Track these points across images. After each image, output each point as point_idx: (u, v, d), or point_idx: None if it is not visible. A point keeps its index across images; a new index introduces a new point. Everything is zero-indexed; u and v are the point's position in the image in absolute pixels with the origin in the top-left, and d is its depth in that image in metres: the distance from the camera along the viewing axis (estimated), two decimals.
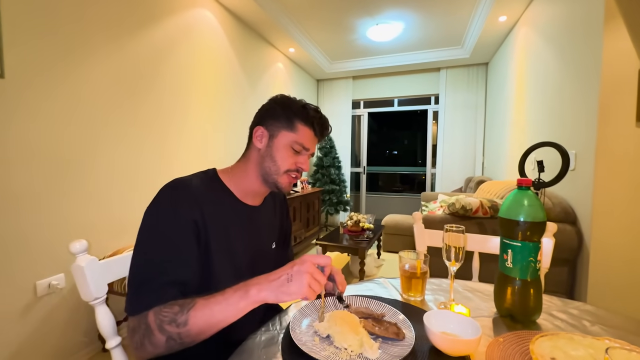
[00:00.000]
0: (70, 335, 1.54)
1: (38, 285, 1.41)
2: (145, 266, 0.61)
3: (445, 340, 0.55)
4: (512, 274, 0.68)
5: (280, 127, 0.75)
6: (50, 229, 1.45)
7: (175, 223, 0.63)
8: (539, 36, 2.37)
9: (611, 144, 1.49)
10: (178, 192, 0.66)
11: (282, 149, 0.75)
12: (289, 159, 0.75)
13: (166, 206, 0.65)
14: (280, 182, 0.76)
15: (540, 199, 0.66)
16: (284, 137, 0.75)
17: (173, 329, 0.53)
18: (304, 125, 0.75)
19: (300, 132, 0.75)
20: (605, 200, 1.51)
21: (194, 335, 0.54)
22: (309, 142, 0.76)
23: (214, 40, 2.57)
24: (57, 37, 1.45)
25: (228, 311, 0.54)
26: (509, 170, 2.97)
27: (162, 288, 0.58)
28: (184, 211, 0.64)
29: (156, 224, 0.63)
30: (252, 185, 0.78)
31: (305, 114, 0.75)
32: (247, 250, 0.76)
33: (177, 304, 0.55)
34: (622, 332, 0.64)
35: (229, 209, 0.74)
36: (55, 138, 1.46)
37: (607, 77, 1.49)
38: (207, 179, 0.74)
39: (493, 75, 3.83)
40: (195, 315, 0.53)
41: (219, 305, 0.54)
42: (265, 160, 0.75)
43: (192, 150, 2.35)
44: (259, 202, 0.82)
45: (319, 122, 0.77)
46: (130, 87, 1.83)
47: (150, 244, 0.62)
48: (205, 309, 0.54)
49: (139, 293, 0.59)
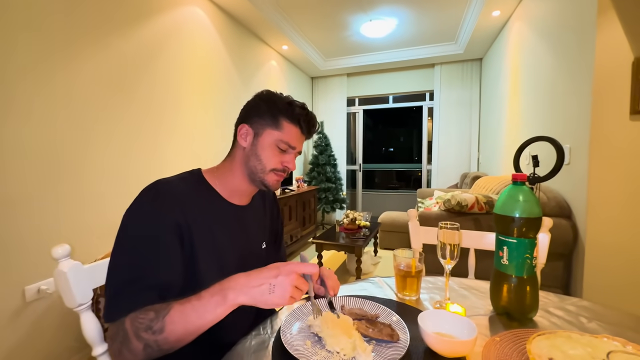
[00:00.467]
0: (61, 341, 1.51)
1: (27, 290, 1.37)
2: (122, 270, 0.58)
3: (440, 341, 0.53)
4: (508, 271, 0.67)
5: (265, 125, 0.73)
6: (38, 232, 1.41)
7: (155, 225, 0.61)
8: (532, 31, 2.36)
9: (605, 137, 1.49)
10: (159, 194, 0.64)
11: (267, 148, 0.72)
12: (274, 157, 0.73)
13: (146, 207, 0.62)
14: (267, 181, 0.74)
15: (535, 194, 0.64)
16: (269, 136, 0.72)
17: (149, 336, 0.51)
18: (289, 123, 0.73)
19: (286, 131, 0.72)
20: (600, 193, 1.51)
21: (172, 342, 0.51)
22: (295, 141, 0.74)
23: (206, 37, 2.53)
24: (45, 35, 1.42)
25: (205, 317, 0.51)
26: (505, 166, 2.97)
27: (140, 293, 0.56)
28: (165, 212, 0.62)
29: (134, 226, 0.61)
30: (239, 184, 0.75)
31: (291, 111, 0.72)
32: (234, 250, 0.73)
33: (153, 309, 0.53)
34: (619, 329, 0.63)
35: (214, 209, 0.71)
36: (45, 139, 1.43)
37: (600, 70, 1.48)
38: (191, 179, 0.72)
39: (487, 71, 3.83)
40: (171, 322, 0.51)
41: (195, 311, 0.51)
42: (250, 159, 0.73)
43: (185, 149, 2.31)
44: (247, 202, 0.80)
45: (306, 120, 0.74)
46: (120, 86, 1.79)
47: (128, 247, 0.60)
48: (181, 315, 0.51)
49: (116, 298, 0.56)
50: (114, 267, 0.59)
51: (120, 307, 0.55)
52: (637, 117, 1.43)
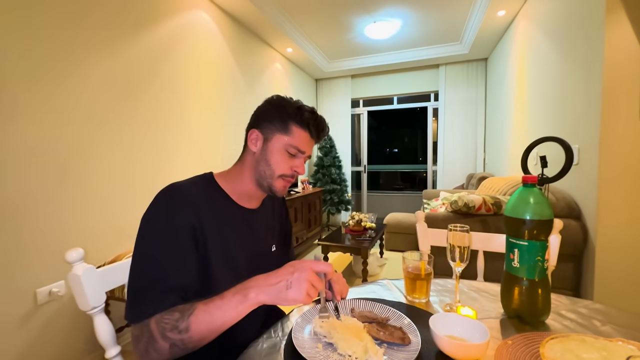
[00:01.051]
0: (72, 343, 1.53)
1: (38, 293, 1.39)
2: (144, 273, 0.60)
3: (453, 345, 0.53)
4: (519, 274, 0.66)
5: (274, 130, 0.73)
6: (49, 235, 1.44)
7: (173, 228, 0.62)
8: (538, 30, 2.34)
9: (615, 137, 1.47)
10: (174, 197, 0.65)
11: (277, 153, 0.73)
12: (284, 162, 0.73)
13: (163, 212, 0.63)
14: (274, 186, 0.74)
15: (546, 196, 0.64)
16: (279, 141, 0.73)
17: (175, 335, 0.53)
18: (299, 127, 0.73)
19: (295, 135, 0.73)
20: (610, 194, 1.49)
21: (196, 341, 0.54)
22: (304, 145, 0.74)
23: (211, 41, 2.56)
24: (54, 41, 1.44)
25: (228, 315, 0.53)
26: (511, 166, 2.94)
27: (162, 295, 0.58)
28: (181, 216, 0.63)
29: (153, 230, 0.63)
30: (248, 188, 0.76)
31: (300, 116, 0.73)
32: (245, 253, 0.74)
33: (177, 310, 0.55)
34: (634, 332, 0.62)
35: (226, 213, 0.72)
36: (53, 143, 1.45)
37: (610, 68, 1.46)
38: (203, 183, 0.73)
39: (493, 71, 3.80)
40: (196, 321, 0.53)
41: (219, 309, 0.53)
42: (260, 164, 0.74)
43: (191, 153, 2.33)
44: (257, 205, 0.81)
45: (315, 124, 0.74)
46: (127, 90, 1.81)
47: (148, 251, 0.61)
48: (205, 314, 0.53)
49: (139, 301, 0.58)
50: (135, 270, 0.61)
51: (143, 309, 0.56)
52: None
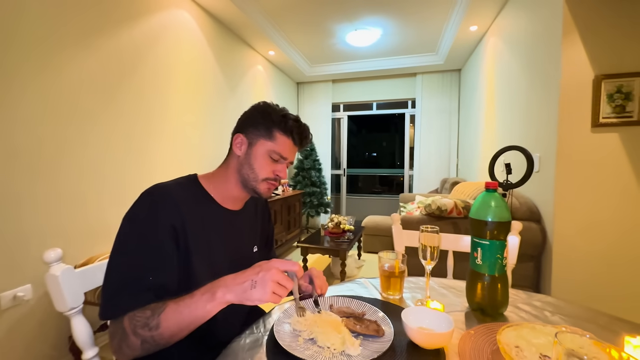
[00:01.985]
0: (38, 349, 1.45)
1: (2, 297, 1.32)
2: (121, 271, 0.61)
3: (421, 334, 0.58)
4: (482, 270, 0.73)
5: (259, 135, 0.76)
6: (13, 236, 1.37)
7: (154, 227, 0.63)
8: (505, 45, 2.52)
9: (569, 147, 1.62)
10: (157, 197, 0.66)
11: (260, 158, 0.76)
12: (266, 167, 0.76)
13: (145, 211, 0.64)
14: (258, 189, 0.77)
15: (505, 200, 0.71)
16: (262, 146, 0.76)
17: (146, 332, 0.54)
18: (282, 134, 0.76)
19: (279, 142, 0.76)
20: (565, 199, 1.64)
21: (167, 338, 0.55)
22: (287, 152, 0.77)
23: (192, 41, 2.53)
24: (27, 38, 1.38)
25: (196, 313, 0.55)
26: (481, 172, 3.13)
27: (137, 294, 0.59)
28: (163, 216, 0.64)
29: (134, 228, 0.63)
30: (232, 190, 0.79)
31: (284, 123, 0.75)
32: (226, 253, 0.76)
33: (149, 308, 0.56)
34: (578, 321, 0.70)
35: (208, 214, 0.74)
36: (23, 139, 1.39)
37: (566, 85, 1.61)
38: (187, 184, 0.75)
39: (465, 81, 4.02)
40: (166, 319, 0.55)
41: (188, 308, 0.55)
42: (243, 168, 0.76)
43: (171, 152, 2.29)
44: (240, 207, 0.83)
45: (298, 132, 0.77)
46: (105, 88, 1.76)
47: (127, 249, 0.62)
48: (175, 312, 0.55)
49: (113, 298, 0.59)
50: (112, 267, 0.61)
51: (117, 307, 0.58)
52: (597, 130, 1.57)
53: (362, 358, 0.55)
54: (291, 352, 0.55)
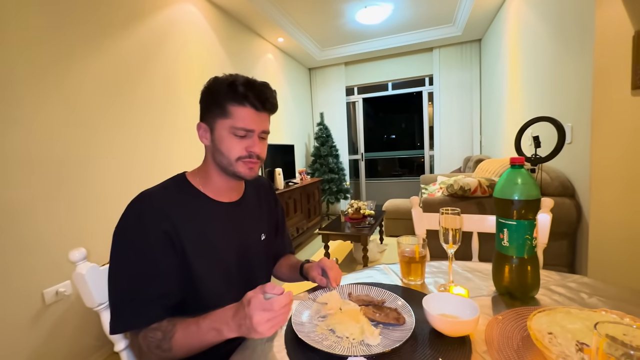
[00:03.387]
0: (82, 340, 1.57)
1: (45, 293, 1.43)
2: (121, 287, 0.62)
3: (444, 322, 0.55)
4: (509, 253, 0.69)
5: (214, 116, 0.69)
6: (51, 237, 1.46)
7: (144, 238, 0.62)
8: (530, 8, 2.32)
9: (607, 114, 1.48)
10: (141, 207, 0.65)
11: (225, 139, 0.69)
12: (235, 146, 0.69)
13: (132, 223, 0.63)
14: (238, 171, 0.71)
15: (534, 176, 0.66)
16: (222, 126, 0.69)
17: (160, 352, 0.58)
18: (237, 106, 0.67)
19: (236, 115, 0.68)
20: (603, 171, 1.51)
21: (181, 357, 0.59)
22: (250, 123, 0.68)
23: (201, 35, 2.52)
24: (45, 45, 1.44)
25: (204, 344, 0.57)
26: (507, 148, 2.96)
27: (141, 307, 0.60)
28: (151, 223, 0.63)
29: (125, 242, 0.63)
30: (218, 182, 0.75)
31: (233, 92, 0.67)
32: (231, 247, 0.74)
33: (160, 329, 0.58)
34: (619, 303, 0.65)
35: (202, 211, 0.71)
36: (51, 146, 1.46)
37: (601, 45, 1.46)
38: (174, 185, 0.72)
39: (487, 52, 3.77)
40: (177, 345, 0.57)
41: (197, 338, 0.56)
42: (216, 156, 0.71)
43: (186, 149, 2.33)
44: (237, 197, 0.80)
45: (255, 95, 0.67)
46: (118, 91, 1.80)
47: (123, 264, 0.62)
48: (185, 339, 0.57)
49: (118, 313, 0.61)
50: (112, 284, 0.62)
51: (123, 322, 0.60)
52: (638, 92, 1.42)
53: (382, 347, 0.53)
54: (309, 342, 0.54)
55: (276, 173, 3.15)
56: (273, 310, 0.49)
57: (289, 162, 3.69)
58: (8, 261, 1.31)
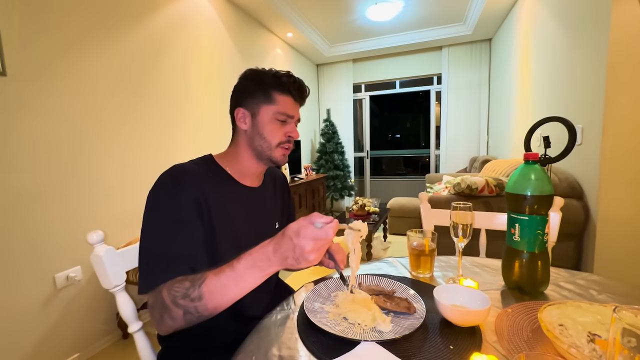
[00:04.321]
0: (91, 324, 1.60)
1: (57, 278, 1.46)
2: (152, 245, 0.62)
3: (456, 311, 0.56)
4: (520, 247, 0.69)
5: (259, 102, 0.74)
6: (63, 223, 1.48)
7: (177, 201, 0.64)
8: (544, 8, 2.29)
9: (619, 116, 1.47)
10: (177, 174, 0.67)
11: (268, 124, 0.74)
12: (277, 131, 0.75)
13: (167, 187, 0.65)
14: (274, 157, 0.76)
15: (547, 173, 0.66)
16: (266, 112, 0.74)
17: (188, 303, 0.54)
18: (281, 94, 0.74)
19: (280, 102, 0.74)
20: (613, 172, 1.50)
21: (211, 309, 0.54)
22: (291, 110, 0.76)
23: (211, 28, 2.53)
24: (55, 33, 1.45)
25: (243, 285, 0.54)
26: (515, 149, 2.94)
27: (171, 263, 0.60)
28: (185, 190, 0.65)
29: (159, 204, 0.64)
30: (248, 166, 0.78)
31: (279, 82, 0.74)
32: (249, 231, 0.76)
33: (187, 279, 0.56)
34: (629, 299, 0.65)
35: (229, 191, 0.74)
36: (62, 133, 1.48)
37: (615, 46, 1.44)
38: (205, 164, 0.75)
39: (497, 51, 3.74)
40: (208, 291, 0.53)
41: (232, 281, 0.53)
42: (255, 140, 0.75)
43: (193, 140, 2.35)
44: (258, 183, 0.83)
45: (295, 87, 0.76)
46: (128, 80, 1.82)
47: (154, 224, 0.63)
48: (219, 285, 0.53)
49: (149, 270, 0.60)
50: (143, 243, 0.63)
51: (153, 277, 0.59)
52: None
53: (394, 334, 0.54)
54: (323, 327, 0.55)
55: (282, 168, 3.16)
56: (324, 238, 0.50)
57: (294, 157, 3.70)
58: (20, 246, 1.33)
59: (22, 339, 1.34)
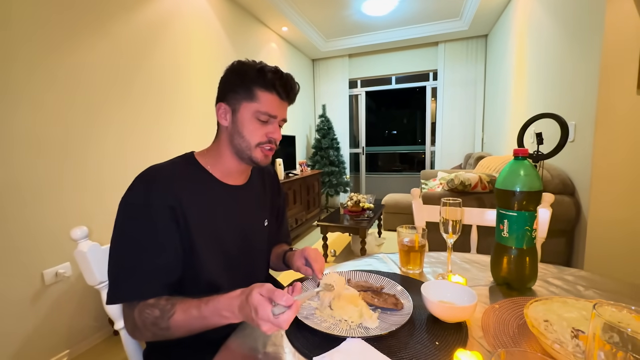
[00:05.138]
0: (81, 321, 1.59)
1: (45, 274, 1.43)
2: (122, 257, 0.61)
3: (442, 307, 0.56)
4: (508, 243, 0.69)
5: (240, 99, 0.69)
6: (52, 218, 1.46)
7: (150, 210, 0.62)
8: (539, 4, 2.28)
9: (611, 113, 1.47)
10: (150, 180, 0.64)
11: (248, 123, 0.70)
12: (257, 131, 0.70)
13: (140, 194, 0.63)
14: (254, 157, 0.72)
15: (536, 169, 0.66)
16: (246, 109, 0.69)
17: (157, 330, 0.57)
18: (264, 91, 0.69)
19: (263, 100, 0.69)
20: (605, 170, 1.51)
21: (178, 336, 0.58)
22: (274, 109, 0.70)
23: (203, 21, 2.49)
24: (49, 27, 1.42)
25: (206, 325, 0.56)
26: (509, 145, 2.95)
27: (141, 281, 0.59)
28: (158, 197, 0.63)
29: (131, 212, 0.62)
30: (229, 164, 0.75)
31: (263, 78, 0.68)
32: (235, 230, 0.74)
33: (158, 306, 0.57)
34: (615, 295, 0.65)
35: (208, 192, 0.71)
36: (52, 129, 1.45)
37: (609, 44, 1.44)
38: (183, 164, 0.72)
39: (493, 48, 3.73)
40: (175, 325, 0.56)
41: (198, 321, 0.55)
42: (234, 138, 0.71)
43: (184, 135, 2.32)
44: (243, 181, 0.80)
45: (281, 84, 0.69)
46: (118, 75, 1.78)
47: (126, 234, 0.62)
48: (185, 321, 0.56)
49: (117, 284, 0.60)
50: (114, 253, 0.62)
51: (121, 293, 0.60)
52: None
53: (380, 330, 0.54)
54: (309, 324, 0.55)
55: (277, 163, 3.14)
56: (277, 327, 0.47)
57: (289, 153, 3.68)
58: (9, 241, 1.31)
59: (10, 335, 1.32)
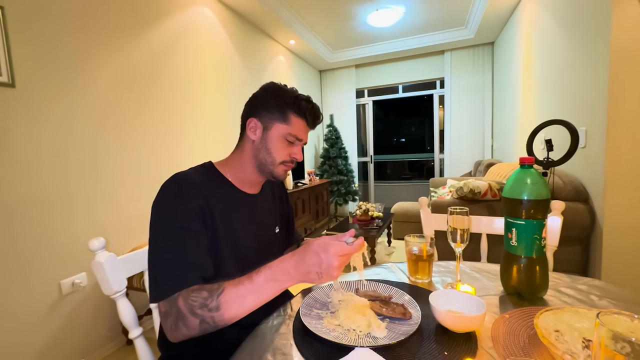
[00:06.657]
0: (96, 330, 1.62)
1: (62, 284, 1.48)
2: (162, 258, 0.63)
3: (451, 317, 0.56)
4: (517, 252, 0.69)
5: (273, 119, 0.76)
6: (69, 230, 1.51)
7: (182, 211, 0.65)
8: (545, 11, 2.29)
9: (623, 118, 1.45)
10: (180, 183, 0.68)
11: (276, 141, 0.76)
12: (283, 150, 0.77)
13: (171, 197, 0.66)
14: (276, 172, 0.78)
15: (544, 177, 0.66)
16: (278, 129, 0.76)
17: (205, 312, 0.54)
18: (296, 116, 0.76)
19: (294, 124, 0.76)
20: (618, 175, 1.48)
21: (227, 319, 0.55)
22: (302, 133, 0.78)
23: (214, 37, 2.58)
24: (62, 46, 1.50)
25: (260, 298, 0.56)
26: (519, 152, 2.91)
27: (184, 273, 0.60)
28: (188, 199, 0.66)
29: (164, 215, 0.65)
30: (249, 175, 0.79)
31: (297, 105, 0.75)
32: (251, 237, 0.78)
33: (204, 289, 0.56)
34: (630, 305, 0.64)
35: (229, 198, 0.75)
36: (68, 141, 1.52)
37: (617, 48, 1.43)
38: (204, 171, 0.76)
39: (499, 55, 3.73)
40: (226, 301, 0.54)
41: (251, 293, 0.55)
42: (260, 152, 0.77)
43: (195, 148, 2.38)
44: (257, 190, 0.84)
45: (312, 113, 0.78)
46: (132, 89, 1.86)
47: (162, 236, 0.64)
48: (237, 296, 0.55)
49: (161, 281, 0.60)
50: (153, 254, 0.64)
51: (166, 287, 0.59)
52: None
53: (388, 340, 0.54)
54: (317, 332, 0.56)
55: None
56: (351, 253, 0.55)
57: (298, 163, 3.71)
58: (27, 252, 1.36)
59: (28, 344, 1.36)
